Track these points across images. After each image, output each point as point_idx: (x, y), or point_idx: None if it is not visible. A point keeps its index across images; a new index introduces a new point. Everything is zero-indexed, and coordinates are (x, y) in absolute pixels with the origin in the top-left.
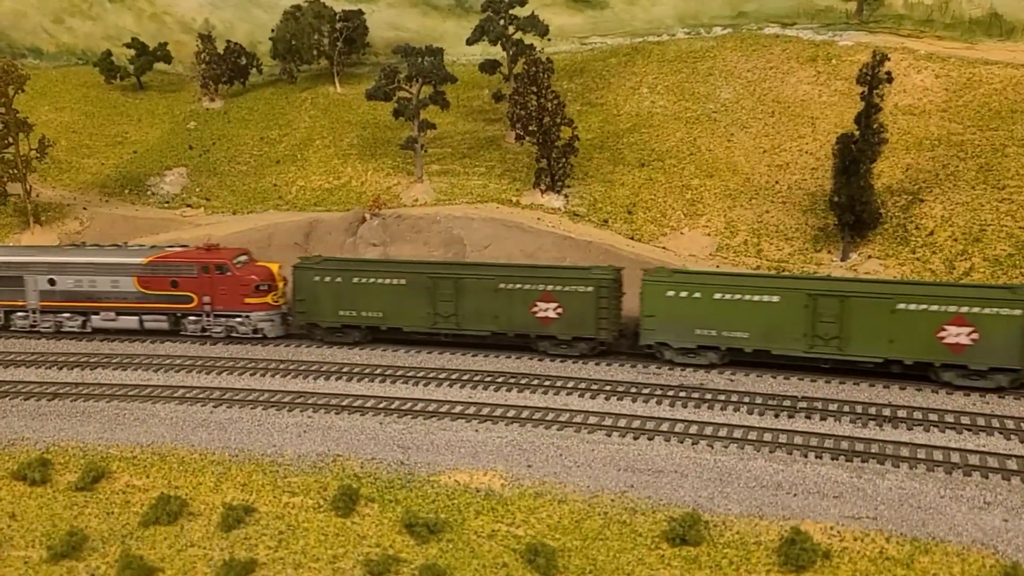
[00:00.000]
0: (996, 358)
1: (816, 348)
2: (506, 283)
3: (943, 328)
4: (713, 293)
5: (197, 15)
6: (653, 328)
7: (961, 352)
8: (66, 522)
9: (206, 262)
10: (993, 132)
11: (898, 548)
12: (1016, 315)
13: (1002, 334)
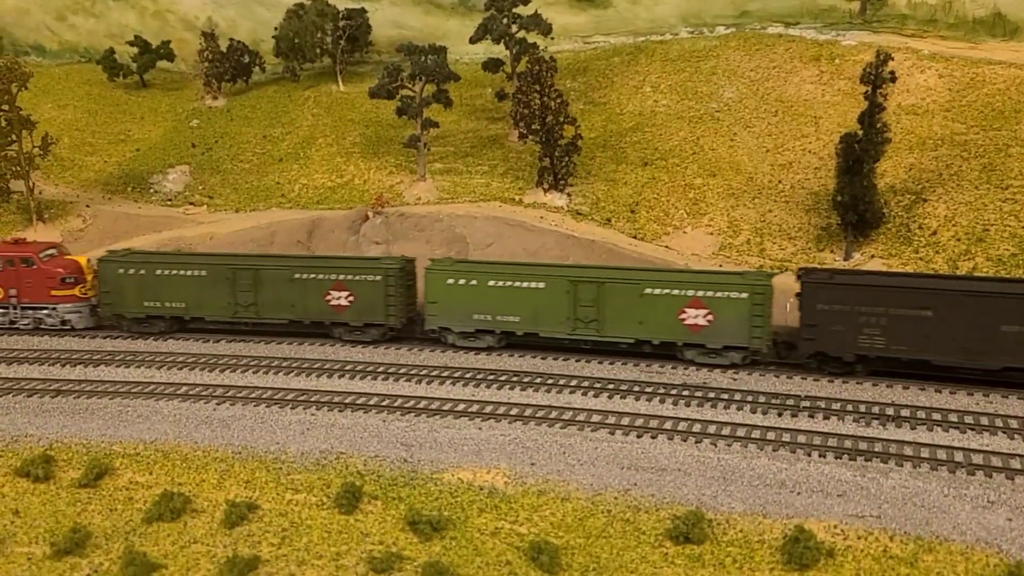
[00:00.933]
0: (728, 337)
1: (578, 330)
2: (301, 273)
3: (683, 310)
4: (488, 280)
5: (200, 13)
6: (436, 314)
7: (699, 332)
8: (69, 519)
9: (11, 256)
10: (997, 132)
11: (902, 547)
12: (744, 298)
13: (733, 315)
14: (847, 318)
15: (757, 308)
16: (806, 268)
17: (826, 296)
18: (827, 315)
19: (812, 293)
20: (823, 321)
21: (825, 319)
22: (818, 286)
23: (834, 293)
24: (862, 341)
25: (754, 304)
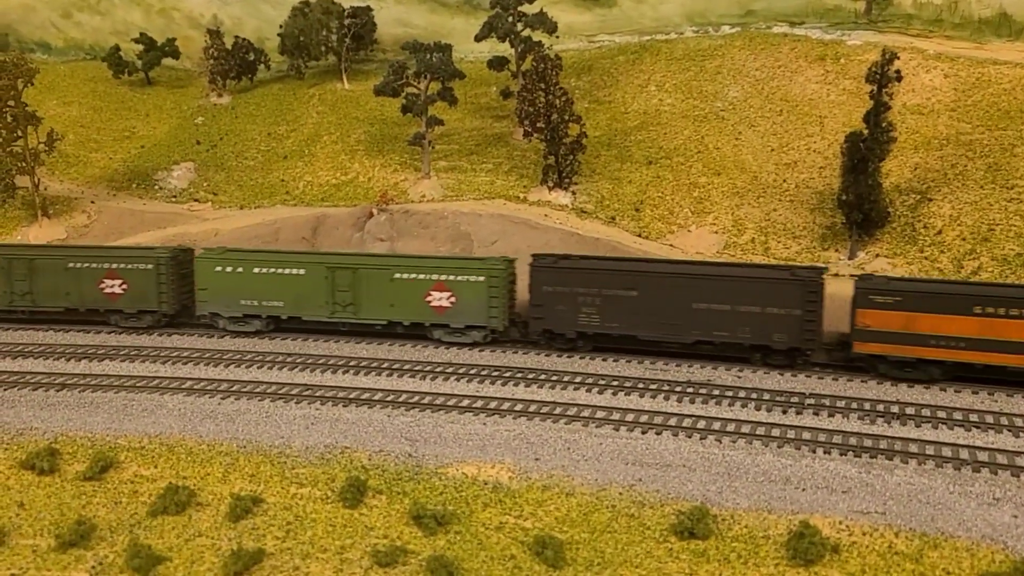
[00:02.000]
0: (469, 317)
1: (336, 314)
2: (76, 263)
3: (429, 293)
4: (253, 267)
5: (205, 11)
6: (206, 300)
7: (443, 313)
8: (74, 511)
9: None
10: (1002, 132)
11: (907, 543)
12: (481, 281)
13: (472, 297)
14: (569, 299)
15: (493, 290)
16: (536, 255)
17: (550, 279)
18: (552, 296)
19: (538, 276)
20: (549, 302)
21: (550, 300)
22: (543, 270)
23: (557, 276)
24: (581, 319)
25: (490, 287)
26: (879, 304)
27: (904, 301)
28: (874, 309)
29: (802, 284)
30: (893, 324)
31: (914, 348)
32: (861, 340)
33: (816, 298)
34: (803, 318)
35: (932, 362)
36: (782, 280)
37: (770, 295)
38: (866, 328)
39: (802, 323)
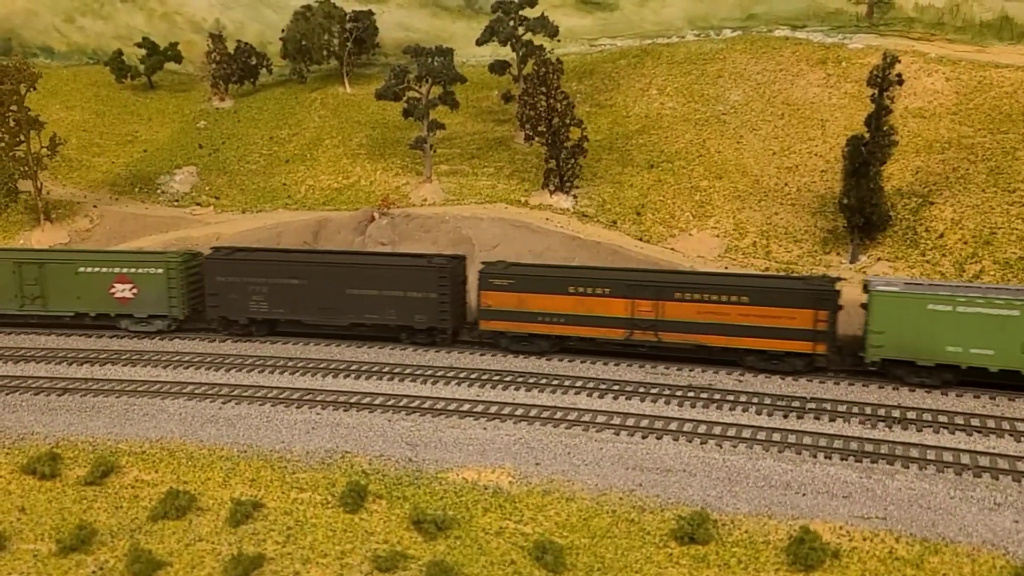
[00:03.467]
0: (151, 307)
1: (25, 307)
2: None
3: (113, 285)
4: None
5: (208, 15)
6: None
7: (127, 304)
8: (75, 516)
9: None
10: (1004, 135)
11: (908, 548)
12: (160, 273)
13: (153, 288)
14: (240, 288)
15: (172, 282)
16: (214, 248)
17: (223, 269)
18: (225, 285)
19: (213, 268)
20: (223, 291)
21: (224, 289)
22: (217, 261)
23: (230, 266)
24: (251, 306)
25: (169, 279)
26: (497, 287)
27: (516, 283)
28: (494, 291)
29: (435, 270)
30: (509, 304)
31: (527, 324)
32: (485, 319)
33: (446, 283)
34: (438, 300)
35: (541, 336)
36: (419, 267)
37: (410, 281)
38: (488, 308)
39: (437, 305)
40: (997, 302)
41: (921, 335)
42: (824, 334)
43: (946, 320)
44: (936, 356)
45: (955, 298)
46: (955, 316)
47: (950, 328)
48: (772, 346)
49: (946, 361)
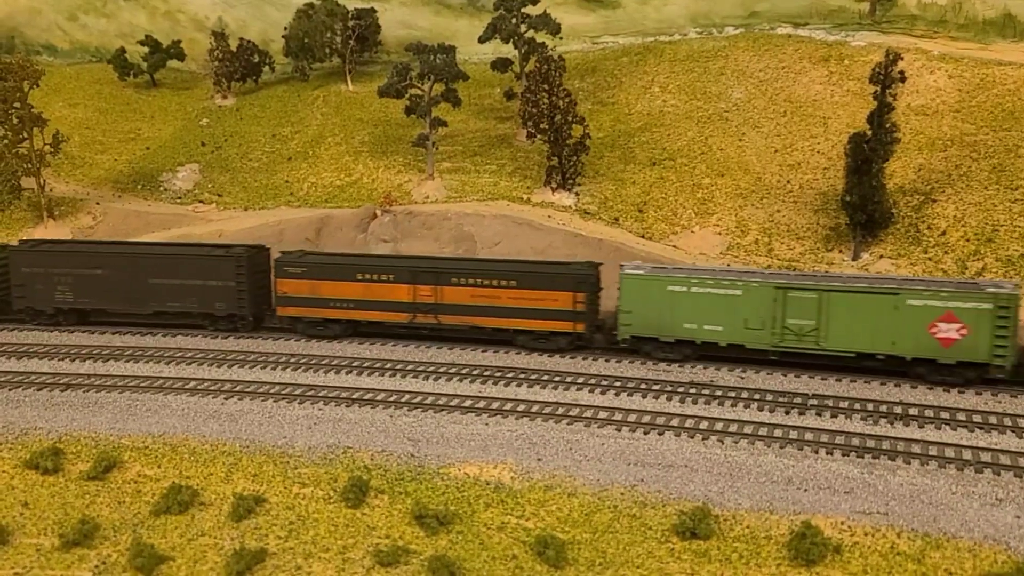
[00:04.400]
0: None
1: None
2: None
3: None
4: None
5: (210, 13)
6: None
7: None
8: (78, 511)
9: None
10: (1007, 132)
11: (909, 543)
12: None
13: None
14: (46, 279)
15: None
16: (23, 240)
17: (28, 261)
18: (31, 276)
19: (18, 259)
20: (29, 282)
21: (30, 280)
22: (21, 253)
23: (35, 258)
24: (57, 296)
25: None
26: (292, 274)
27: (309, 271)
28: (289, 279)
29: (234, 260)
30: (303, 291)
31: (320, 310)
32: (282, 305)
33: (244, 272)
34: (236, 289)
35: (334, 321)
36: (218, 257)
37: (209, 270)
38: (284, 295)
39: (236, 293)
40: (724, 283)
41: (663, 314)
42: (583, 314)
43: (683, 300)
44: (676, 333)
45: (690, 280)
46: (690, 296)
47: (686, 307)
48: (538, 326)
49: (684, 337)
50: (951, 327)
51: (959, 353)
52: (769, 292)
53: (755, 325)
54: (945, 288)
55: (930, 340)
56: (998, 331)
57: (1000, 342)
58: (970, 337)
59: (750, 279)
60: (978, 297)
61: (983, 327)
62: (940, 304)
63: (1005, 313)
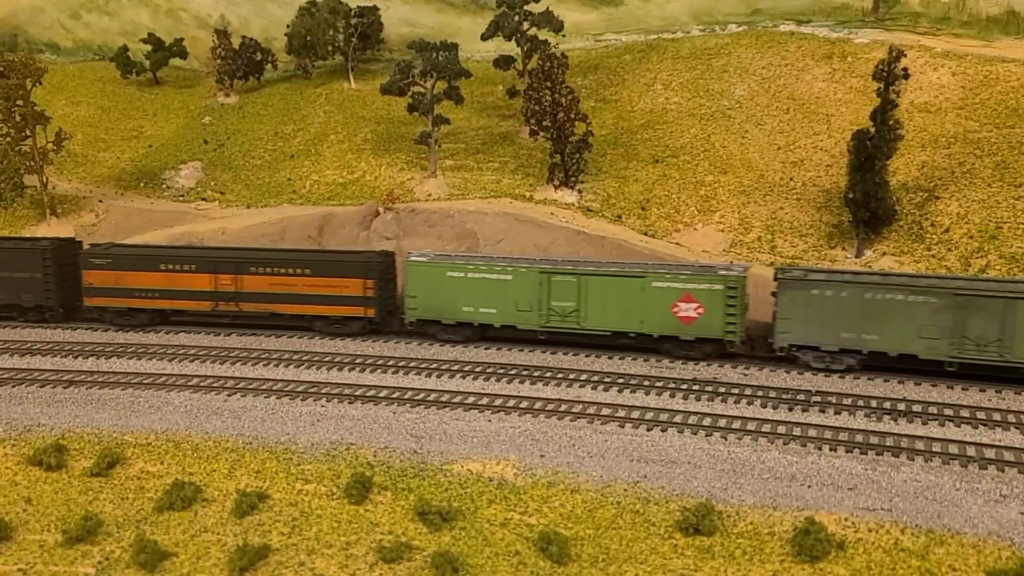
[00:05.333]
0: None
1: None
2: None
3: None
4: None
5: (213, 11)
6: None
7: None
8: (81, 507)
9: None
10: (1010, 130)
11: (913, 539)
12: None
13: None
14: None
15: None
16: None
17: None
18: None
19: None
20: None
21: None
22: None
23: None
24: None
25: None
26: (97, 266)
27: (114, 262)
28: (95, 270)
29: (40, 252)
30: (109, 281)
31: (126, 300)
32: (88, 296)
33: (51, 264)
34: (43, 280)
35: (139, 310)
36: (24, 249)
37: (16, 262)
38: (91, 286)
39: (43, 285)
40: (496, 269)
41: (443, 298)
42: (373, 300)
43: (461, 285)
44: (456, 316)
45: (467, 266)
46: (467, 282)
47: (464, 292)
48: (332, 312)
49: (463, 319)
50: (690, 306)
51: (698, 330)
52: (535, 277)
53: (525, 307)
54: (684, 271)
55: (673, 319)
56: (728, 310)
57: (730, 319)
58: (706, 315)
59: (519, 265)
60: (711, 279)
61: (716, 306)
62: (680, 286)
63: (733, 293)
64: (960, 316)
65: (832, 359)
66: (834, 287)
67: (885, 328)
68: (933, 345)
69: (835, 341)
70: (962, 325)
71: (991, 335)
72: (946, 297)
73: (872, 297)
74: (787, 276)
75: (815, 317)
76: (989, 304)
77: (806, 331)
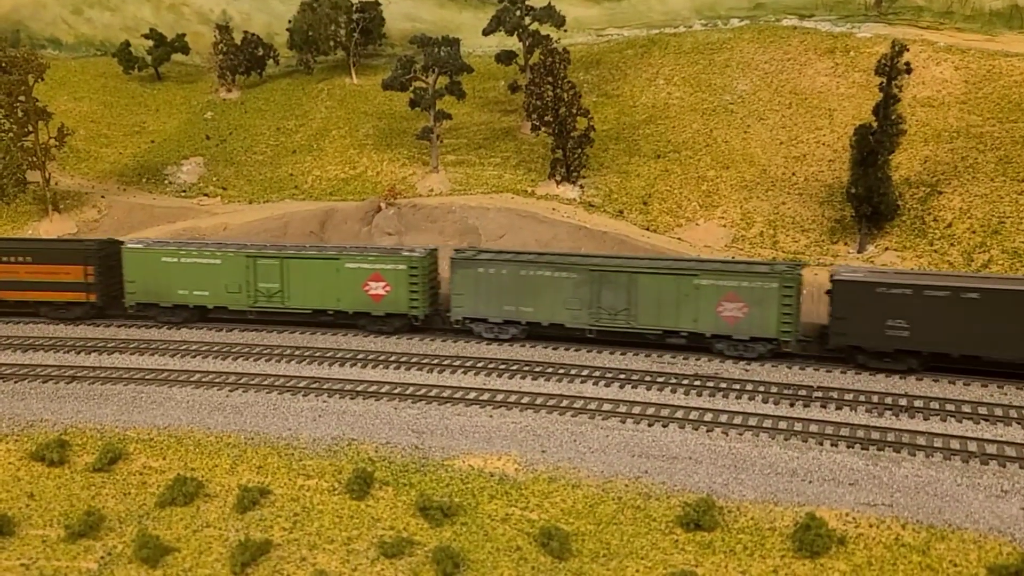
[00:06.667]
0: None
1: None
2: None
3: None
4: None
5: (215, 6)
6: None
7: None
8: (83, 502)
9: None
10: (1013, 124)
11: (914, 535)
12: None
13: None
14: None
15: None
16: None
17: None
18: None
19: None
20: None
21: None
22: None
23: None
24: None
25: None
26: None
27: None
28: None
29: None
30: None
31: None
32: None
33: None
34: None
35: None
36: None
37: None
38: None
39: None
40: (206, 253)
41: (160, 282)
42: (94, 285)
43: (175, 270)
44: (172, 299)
45: (179, 251)
46: (181, 266)
47: (179, 276)
48: (55, 297)
49: (179, 302)
50: (379, 285)
51: (386, 306)
52: (242, 260)
53: (234, 289)
54: (372, 253)
55: (365, 296)
56: (411, 287)
57: (413, 296)
58: (392, 293)
59: (227, 250)
60: (395, 259)
61: (401, 284)
62: (369, 266)
63: (415, 272)
64: (595, 289)
65: (499, 329)
66: (496, 265)
67: (538, 301)
68: (576, 315)
69: (499, 314)
70: (597, 297)
71: (620, 305)
72: (584, 273)
73: (527, 274)
74: (459, 257)
75: (483, 293)
76: (617, 278)
77: (476, 305)
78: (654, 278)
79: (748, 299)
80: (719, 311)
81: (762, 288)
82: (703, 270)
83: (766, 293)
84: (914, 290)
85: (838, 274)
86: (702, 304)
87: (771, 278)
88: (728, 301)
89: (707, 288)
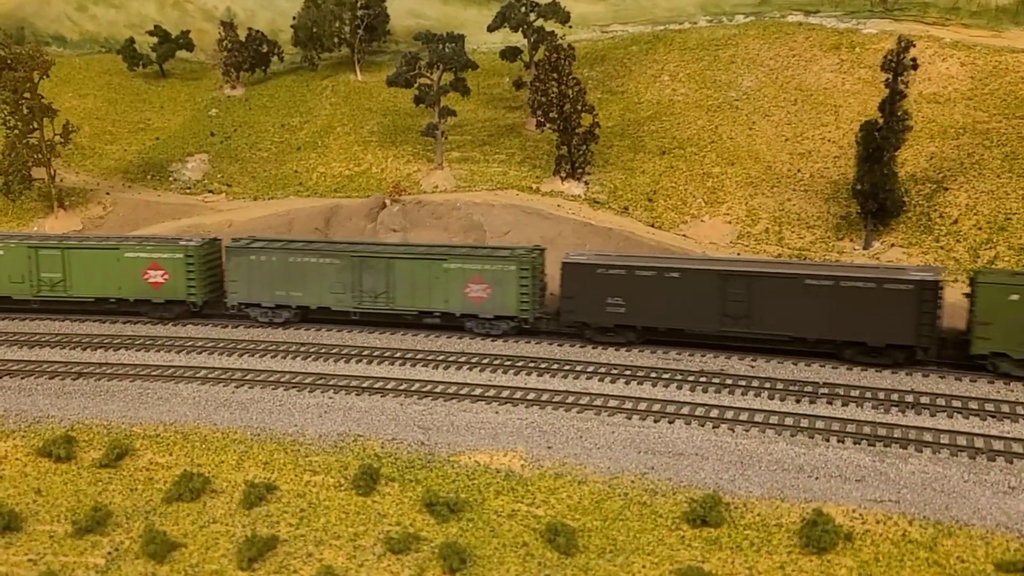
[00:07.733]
0: None
1: None
2: None
3: None
4: None
5: (219, 3)
6: None
7: None
8: (90, 498)
9: None
10: (1019, 120)
11: (921, 531)
12: None
13: None
14: None
15: None
16: None
17: None
18: None
19: None
20: None
21: None
22: None
23: None
24: None
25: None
26: None
27: None
28: None
29: None
30: None
31: None
32: None
33: None
34: None
35: None
36: None
37: None
38: None
39: None
40: None
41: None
42: None
43: None
44: None
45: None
46: None
47: None
48: None
49: None
50: (157, 273)
51: (167, 293)
52: (24, 251)
53: (17, 279)
54: (150, 243)
55: (145, 284)
56: (188, 274)
57: (191, 282)
58: (171, 280)
59: (9, 241)
60: (172, 249)
61: (179, 272)
62: (147, 255)
63: (191, 261)
64: (357, 274)
65: (273, 313)
66: (267, 253)
67: (306, 287)
68: (340, 299)
69: (272, 299)
70: (359, 281)
71: (379, 289)
72: (346, 259)
73: (295, 261)
74: (233, 246)
75: (256, 279)
76: (376, 264)
77: (250, 291)
78: (408, 263)
79: (491, 281)
80: (466, 292)
81: (502, 270)
82: (451, 255)
83: (506, 275)
84: (627, 271)
85: (567, 257)
86: (451, 286)
87: (510, 261)
88: (474, 283)
89: (455, 271)
